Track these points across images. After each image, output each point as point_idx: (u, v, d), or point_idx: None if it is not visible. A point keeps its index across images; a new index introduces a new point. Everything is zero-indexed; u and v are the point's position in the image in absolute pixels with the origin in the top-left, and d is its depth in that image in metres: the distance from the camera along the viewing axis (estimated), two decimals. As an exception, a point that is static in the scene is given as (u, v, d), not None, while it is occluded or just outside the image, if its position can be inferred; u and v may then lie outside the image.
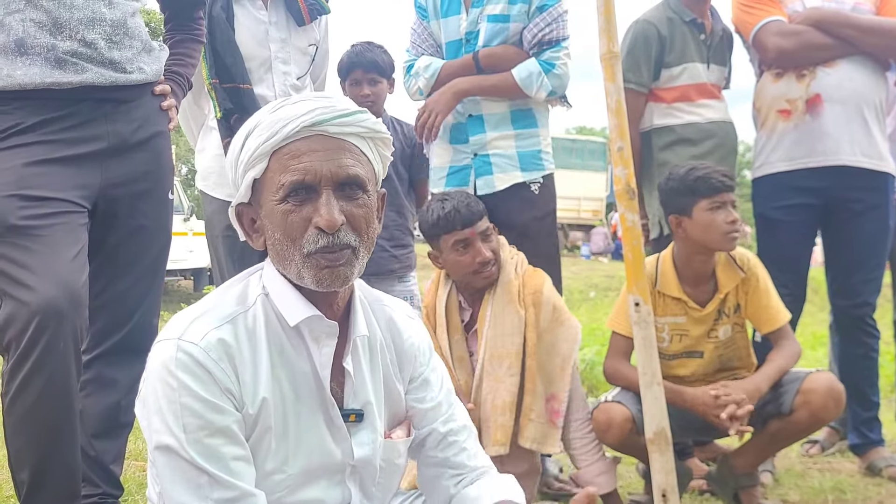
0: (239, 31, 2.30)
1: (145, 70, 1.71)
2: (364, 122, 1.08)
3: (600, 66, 1.83)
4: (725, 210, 2.02)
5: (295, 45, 2.38)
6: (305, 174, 1.04)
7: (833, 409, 1.98)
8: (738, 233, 2.03)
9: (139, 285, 1.76)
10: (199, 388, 1.01)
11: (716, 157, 2.51)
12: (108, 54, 1.63)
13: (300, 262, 1.06)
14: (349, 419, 1.15)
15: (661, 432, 1.79)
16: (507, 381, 1.97)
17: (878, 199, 2.47)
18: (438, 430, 1.25)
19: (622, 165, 1.80)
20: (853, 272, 2.51)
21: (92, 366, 1.71)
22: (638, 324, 1.84)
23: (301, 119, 1.04)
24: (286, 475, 1.09)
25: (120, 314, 1.74)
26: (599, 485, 1.97)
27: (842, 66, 2.43)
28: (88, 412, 1.67)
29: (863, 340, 2.53)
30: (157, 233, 1.78)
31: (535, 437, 1.97)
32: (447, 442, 1.26)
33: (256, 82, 2.32)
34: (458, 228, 1.98)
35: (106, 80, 1.62)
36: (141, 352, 1.23)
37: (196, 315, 1.08)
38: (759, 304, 2.09)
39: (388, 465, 1.20)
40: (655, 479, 1.79)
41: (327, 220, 1.03)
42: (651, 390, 1.82)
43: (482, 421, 1.97)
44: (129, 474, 2.27)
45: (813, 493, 2.32)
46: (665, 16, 2.57)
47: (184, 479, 1.01)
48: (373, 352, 1.20)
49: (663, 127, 2.56)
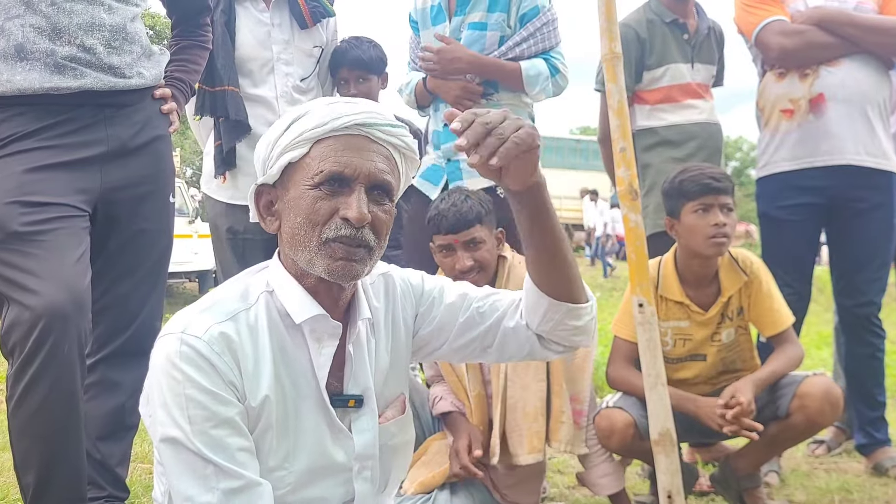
0: (240, 32, 2.31)
1: (145, 75, 1.72)
2: (404, 137, 1.13)
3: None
4: (712, 213, 1.97)
5: (298, 47, 2.38)
6: (345, 167, 1.07)
7: (829, 414, 1.95)
8: (723, 237, 1.97)
9: (141, 288, 1.76)
10: (204, 380, 1.02)
11: (699, 159, 2.51)
12: (108, 59, 1.64)
13: (315, 249, 1.08)
14: (349, 405, 1.16)
15: (666, 433, 1.78)
16: (535, 386, 1.93)
17: (882, 197, 2.47)
18: (473, 307, 1.24)
19: (625, 166, 1.79)
20: (858, 271, 2.50)
21: (96, 369, 1.72)
22: (642, 325, 1.83)
23: (353, 117, 1.08)
24: (288, 472, 1.10)
25: (123, 317, 1.75)
26: (603, 485, 1.97)
27: (845, 65, 2.42)
28: (93, 415, 1.68)
29: (868, 340, 2.52)
30: (158, 236, 1.79)
31: (567, 440, 1.93)
32: (486, 304, 1.24)
33: (258, 83, 2.33)
34: (442, 233, 1.97)
35: (105, 85, 1.63)
36: (144, 354, 1.23)
37: (199, 311, 1.09)
38: (763, 307, 2.07)
39: (383, 448, 1.20)
40: (661, 481, 1.79)
41: (358, 213, 1.06)
42: (656, 391, 1.81)
43: (510, 430, 1.94)
44: (135, 476, 2.27)
45: (819, 494, 2.31)
46: (644, 18, 2.57)
47: (190, 470, 1.02)
48: (376, 328, 1.21)
49: (646, 129, 2.56)
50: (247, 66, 2.32)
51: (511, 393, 1.95)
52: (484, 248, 1.98)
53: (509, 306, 1.25)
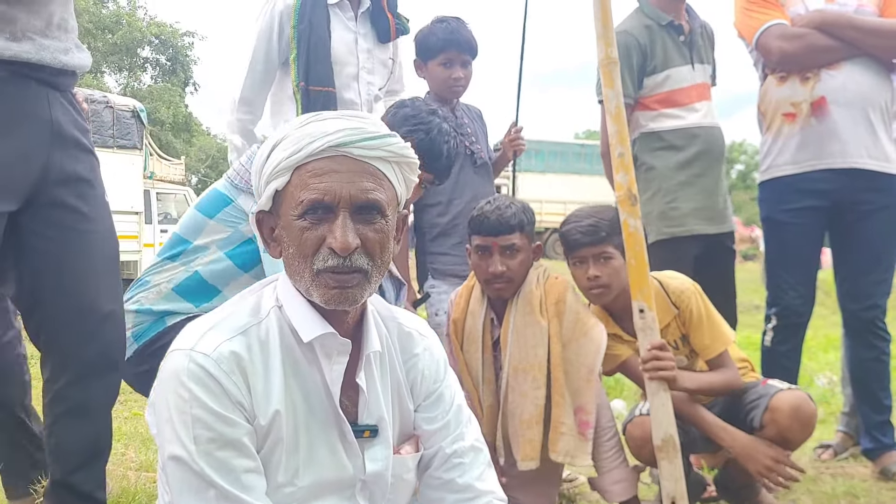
0: (333, 37, 2.32)
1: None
2: (391, 147, 1.08)
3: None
4: (585, 266, 2.00)
5: (378, 58, 2.42)
6: (325, 194, 1.03)
7: (798, 431, 1.90)
8: (599, 288, 1.99)
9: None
10: (211, 401, 1.01)
11: (702, 163, 2.51)
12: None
13: (310, 280, 1.06)
14: (363, 435, 1.14)
15: (669, 439, 1.78)
16: (532, 394, 1.93)
17: (885, 200, 2.46)
18: (444, 451, 1.22)
19: (623, 171, 1.80)
20: (862, 275, 2.49)
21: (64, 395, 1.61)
22: (643, 330, 1.83)
23: (327, 139, 1.04)
24: (296, 488, 1.09)
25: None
26: (615, 492, 1.95)
27: (846, 68, 2.42)
28: (66, 448, 1.60)
29: (873, 344, 2.51)
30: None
31: (567, 451, 1.91)
32: (452, 463, 1.22)
33: (344, 88, 2.34)
34: (482, 234, 1.97)
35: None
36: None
37: (209, 326, 1.08)
38: (696, 335, 2.03)
39: (397, 480, 1.19)
40: (665, 487, 1.78)
41: (341, 242, 1.02)
42: (658, 397, 1.81)
43: (510, 436, 1.94)
44: (139, 486, 2.28)
45: (825, 498, 2.30)
46: (641, 24, 2.56)
47: (192, 491, 1.01)
48: (385, 368, 1.20)
49: (650, 133, 2.56)
50: (336, 69, 2.33)
51: (511, 399, 1.95)
52: (519, 257, 1.97)
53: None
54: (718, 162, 2.59)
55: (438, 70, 2.47)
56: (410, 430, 1.24)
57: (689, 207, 2.49)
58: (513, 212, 1.96)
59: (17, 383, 1.89)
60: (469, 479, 1.22)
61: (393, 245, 1.12)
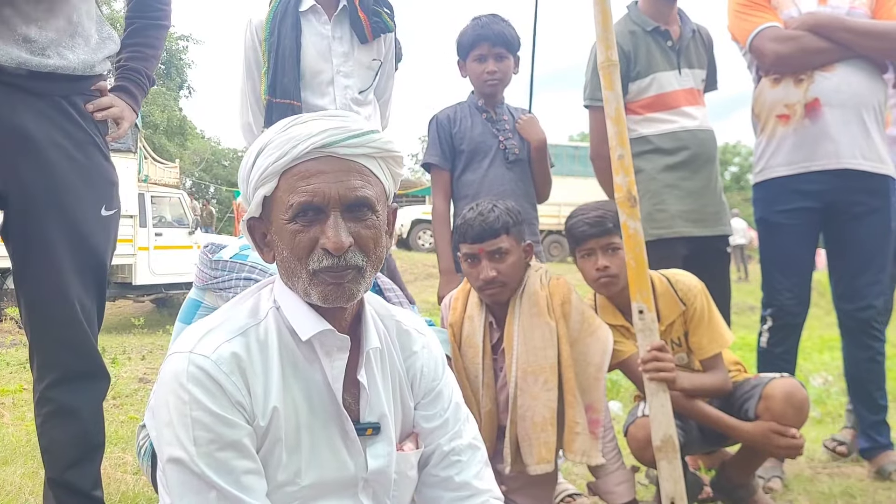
0: (304, 44, 2.32)
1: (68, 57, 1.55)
2: (374, 143, 1.09)
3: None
4: (594, 257, 2.03)
5: (358, 60, 2.39)
6: (314, 196, 1.04)
7: (793, 416, 1.94)
8: (608, 278, 2.02)
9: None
10: (210, 402, 1.02)
11: (692, 167, 2.52)
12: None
13: (306, 280, 1.07)
14: (366, 433, 1.15)
15: (668, 440, 1.78)
16: (544, 396, 1.91)
17: (879, 201, 2.48)
18: (442, 448, 1.23)
19: (623, 173, 1.80)
20: (856, 275, 2.51)
21: (51, 397, 1.62)
22: (642, 331, 1.84)
23: (311, 140, 1.05)
24: (298, 487, 1.09)
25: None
26: (618, 494, 1.95)
27: (839, 69, 2.44)
28: (58, 446, 1.61)
29: (868, 344, 2.53)
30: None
31: (583, 450, 1.91)
32: (450, 461, 1.23)
33: (319, 95, 2.33)
34: (468, 242, 1.96)
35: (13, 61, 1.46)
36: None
37: (208, 328, 1.08)
38: (697, 333, 2.06)
39: (401, 477, 1.20)
40: (664, 487, 1.79)
41: (334, 242, 1.04)
42: (657, 398, 1.82)
43: (521, 440, 1.93)
44: (138, 489, 2.27)
45: (822, 498, 2.31)
46: (626, 30, 2.57)
47: (193, 493, 1.01)
48: (385, 364, 1.21)
49: (638, 137, 2.55)
50: (308, 77, 2.32)
51: (521, 402, 1.93)
52: (509, 259, 1.95)
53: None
54: (709, 165, 2.58)
55: (474, 66, 2.48)
56: (411, 426, 1.25)
57: (676, 209, 2.50)
58: (496, 215, 1.94)
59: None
60: (466, 477, 1.23)
61: (386, 239, 1.13)
